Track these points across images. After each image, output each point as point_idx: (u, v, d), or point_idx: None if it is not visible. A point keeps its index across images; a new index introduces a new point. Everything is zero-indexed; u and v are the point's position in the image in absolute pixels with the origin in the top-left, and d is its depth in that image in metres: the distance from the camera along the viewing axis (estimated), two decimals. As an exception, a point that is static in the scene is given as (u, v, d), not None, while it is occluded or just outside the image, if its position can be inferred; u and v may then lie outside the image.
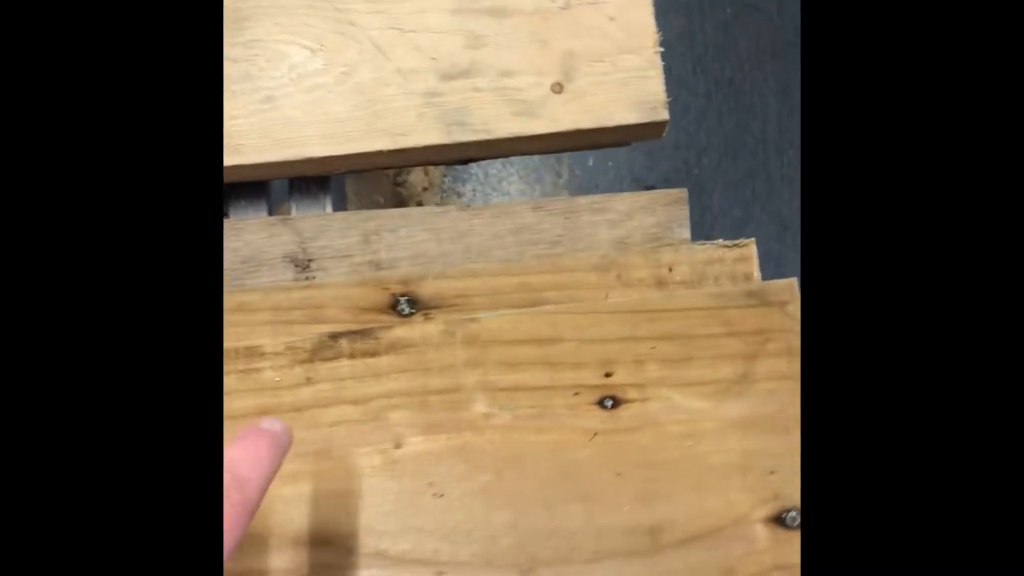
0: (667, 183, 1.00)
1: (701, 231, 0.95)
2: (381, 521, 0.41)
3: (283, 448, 0.34)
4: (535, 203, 0.47)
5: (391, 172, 1.04)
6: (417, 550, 0.41)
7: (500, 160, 1.04)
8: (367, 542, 0.41)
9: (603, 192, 1.01)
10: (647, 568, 0.40)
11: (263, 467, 0.31)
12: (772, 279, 0.44)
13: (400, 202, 1.02)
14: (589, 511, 0.41)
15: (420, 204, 1.03)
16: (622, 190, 1.02)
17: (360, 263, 0.46)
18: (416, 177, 1.03)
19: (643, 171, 1.01)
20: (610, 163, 1.02)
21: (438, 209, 0.47)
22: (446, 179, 1.03)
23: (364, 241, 0.47)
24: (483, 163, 1.04)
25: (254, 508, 0.30)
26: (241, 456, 0.31)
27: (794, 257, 1.02)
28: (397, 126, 0.46)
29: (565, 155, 1.04)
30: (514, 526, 0.41)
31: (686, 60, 1.05)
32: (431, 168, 1.04)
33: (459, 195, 1.03)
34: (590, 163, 1.02)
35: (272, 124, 0.46)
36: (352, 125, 0.46)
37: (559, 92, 0.47)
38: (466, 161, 0.50)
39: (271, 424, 0.34)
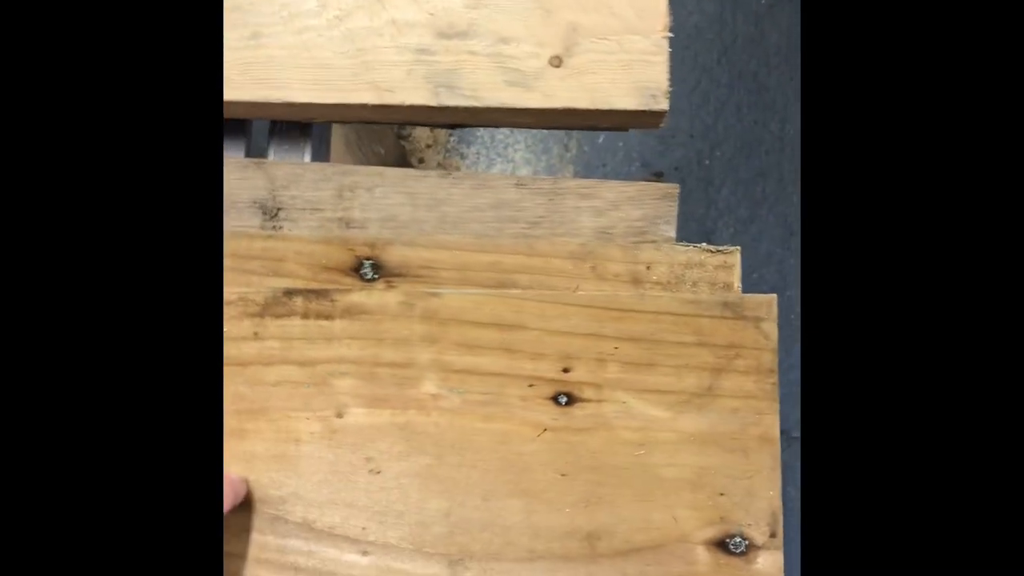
0: (676, 172, 0.97)
1: (704, 226, 0.92)
2: (312, 490, 0.39)
3: (237, 493, 0.38)
4: (519, 179, 0.45)
5: (395, 124, 1.01)
6: (345, 525, 0.39)
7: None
8: (294, 510, 0.39)
9: (609, 171, 0.98)
10: (580, 575, 0.39)
11: None
12: (772, 284, 0.42)
13: (402, 156, 0.99)
14: (528, 508, 0.39)
15: (422, 161, 1.01)
16: (630, 173, 0.99)
17: (330, 219, 0.44)
18: (421, 132, 1.00)
19: (653, 156, 0.98)
20: (620, 143, 0.99)
21: (417, 173, 0.45)
22: (451, 138, 1.01)
23: (338, 196, 0.44)
24: (491, 127, 1.02)
25: None
26: None
27: (797, 264, 1.00)
28: (384, 80, 0.44)
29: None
30: (448, 514, 0.39)
31: (713, 48, 1.01)
32: (439, 125, 1.02)
33: (463, 156, 1.00)
34: (600, 140, 0.99)
35: (254, 62, 0.44)
36: (338, 73, 0.44)
37: (557, 66, 0.44)
38: (454, 126, 0.48)
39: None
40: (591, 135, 0.99)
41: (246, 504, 0.39)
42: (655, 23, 0.44)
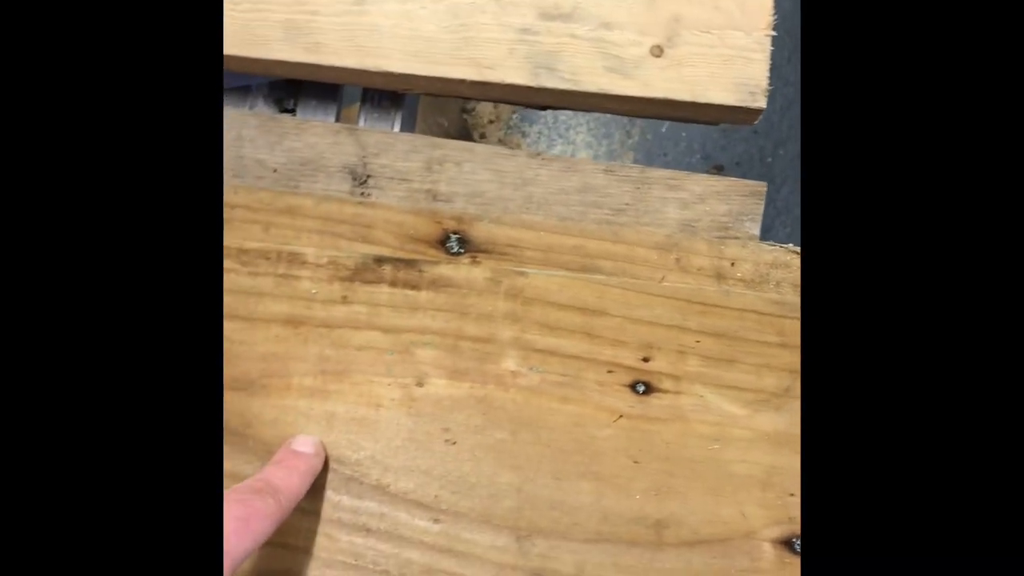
0: (737, 167, 0.96)
1: (762, 224, 0.92)
2: (389, 455, 0.40)
3: (313, 467, 0.39)
4: (607, 165, 0.45)
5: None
6: (418, 492, 0.40)
7: (572, 108, 1.01)
8: (370, 473, 0.40)
9: (669, 161, 0.98)
10: (645, 561, 0.39)
11: (293, 483, 0.37)
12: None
13: (464, 129, 0.99)
14: (598, 491, 0.40)
15: (483, 136, 1.01)
16: (691, 164, 0.99)
17: (417, 190, 0.45)
18: (484, 108, 1.00)
19: (715, 149, 0.98)
20: (683, 134, 0.99)
21: (506, 151, 0.46)
22: (514, 116, 1.01)
23: (426, 168, 0.45)
24: (585, 112, 1.02)
25: (283, 514, 0.35)
26: (274, 472, 0.37)
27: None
28: (485, 58, 0.44)
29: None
30: (519, 489, 0.40)
31: (783, 46, 1.00)
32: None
33: (524, 135, 1.00)
34: (663, 129, 0.99)
35: (357, 29, 0.44)
36: (439, 47, 0.44)
37: (658, 56, 0.44)
38: (544, 107, 0.48)
39: (303, 446, 0.39)
40: (655, 123, 0.98)
41: (324, 465, 0.40)
42: (759, 20, 0.44)
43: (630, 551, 0.39)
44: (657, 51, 0.44)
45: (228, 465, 0.40)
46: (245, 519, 0.33)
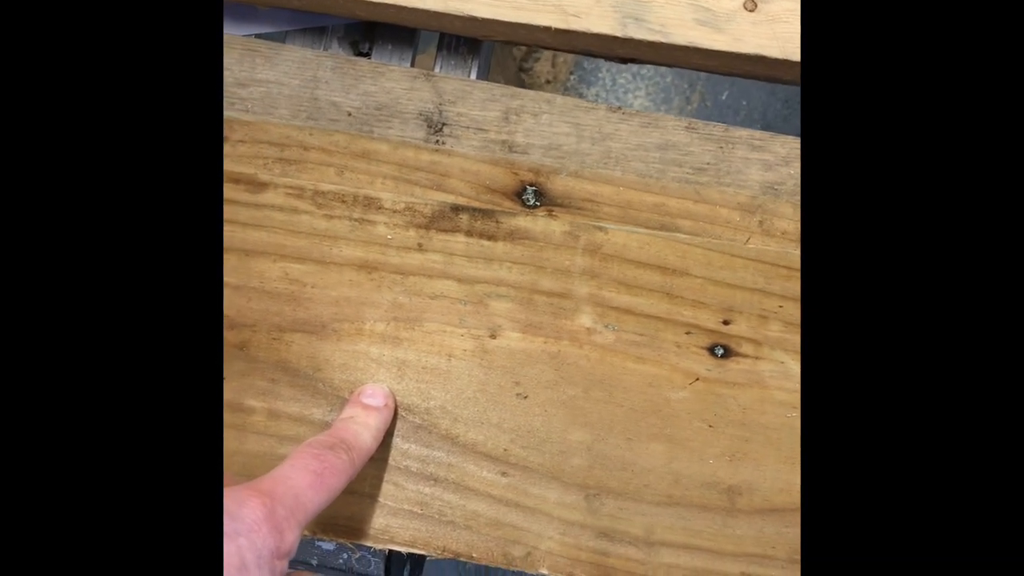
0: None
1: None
2: (459, 406, 0.40)
3: (384, 421, 0.39)
4: (690, 122, 0.44)
5: (517, 55, 1.00)
6: (488, 444, 0.40)
7: (631, 71, 0.99)
8: (440, 423, 0.40)
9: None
10: (716, 526, 0.39)
11: (366, 441, 0.37)
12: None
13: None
14: (670, 454, 0.39)
15: (539, 96, 0.99)
16: (749, 133, 0.97)
17: (493, 140, 0.44)
18: (542, 67, 0.98)
19: (777, 119, 0.96)
20: (744, 102, 0.97)
21: (587, 104, 0.44)
22: (572, 77, 0.99)
23: (503, 119, 0.44)
24: (613, 71, 1.00)
25: (355, 471, 0.36)
26: (346, 428, 0.37)
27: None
28: (571, 5, 0.43)
29: (699, 82, 0.99)
30: (589, 448, 0.39)
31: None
32: (558, 62, 1.00)
33: (581, 96, 0.99)
34: (724, 97, 0.97)
35: (441, -29, 0.43)
36: (524, -8, 0.43)
37: (752, 10, 0.43)
38: (626, 60, 0.47)
39: (373, 399, 0.39)
40: (715, 89, 0.96)
41: (396, 408, 0.40)
42: (860, -24, 0.42)
43: (701, 516, 0.39)
44: (751, 5, 0.43)
45: (296, 408, 0.40)
46: (320, 473, 0.33)
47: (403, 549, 0.39)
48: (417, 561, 0.48)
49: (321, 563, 0.43)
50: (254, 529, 0.30)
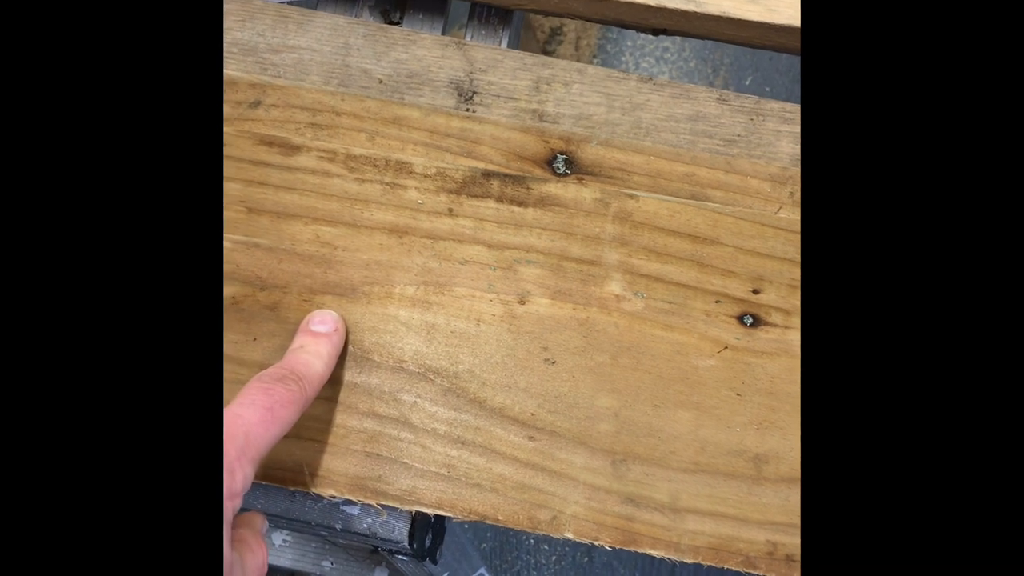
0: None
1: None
2: (488, 370, 0.40)
3: (335, 347, 0.39)
4: (721, 94, 0.44)
5: (541, 38, 1.00)
6: (515, 408, 0.40)
7: (655, 55, 0.99)
8: (468, 387, 0.40)
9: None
10: (742, 494, 0.39)
11: (317, 369, 0.37)
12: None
13: (543, 71, 0.98)
14: (697, 421, 0.39)
15: (562, 78, 0.99)
16: (772, 118, 0.96)
17: (524, 109, 0.44)
18: (565, 49, 0.98)
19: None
20: (767, 88, 0.96)
21: (618, 74, 0.44)
22: (595, 60, 0.99)
23: (534, 88, 0.44)
24: (637, 55, 1.00)
25: (307, 401, 0.36)
26: (296, 359, 0.37)
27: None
28: (605, -27, 0.43)
29: (722, 67, 0.98)
30: (616, 414, 0.40)
31: None
32: (582, 44, 1.00)
33: (604, 79, 0.99)
34: (747, 82, 0.96)
35: (475, -62, 0.43)
36: (557, -40, 0.43)
37: (786, -19, 0.42)
38: (658, 32, 0.47)
39: (322, 325, 0.39)
40: (738, 75, 0.96)
41: (424, 371, 0.40)
42: (896, -53, 0.42)
43: (727, 483, 0.39)
44: (785, -25, 0.42)
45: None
46: (270, 408, 0.33)
47: (429, 511, 0.39)
48: (438, 531, 0.48)
49: (345, 527, 0.43)
50: None
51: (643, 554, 0.39)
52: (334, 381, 0.40)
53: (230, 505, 0.31)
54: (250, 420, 0.33)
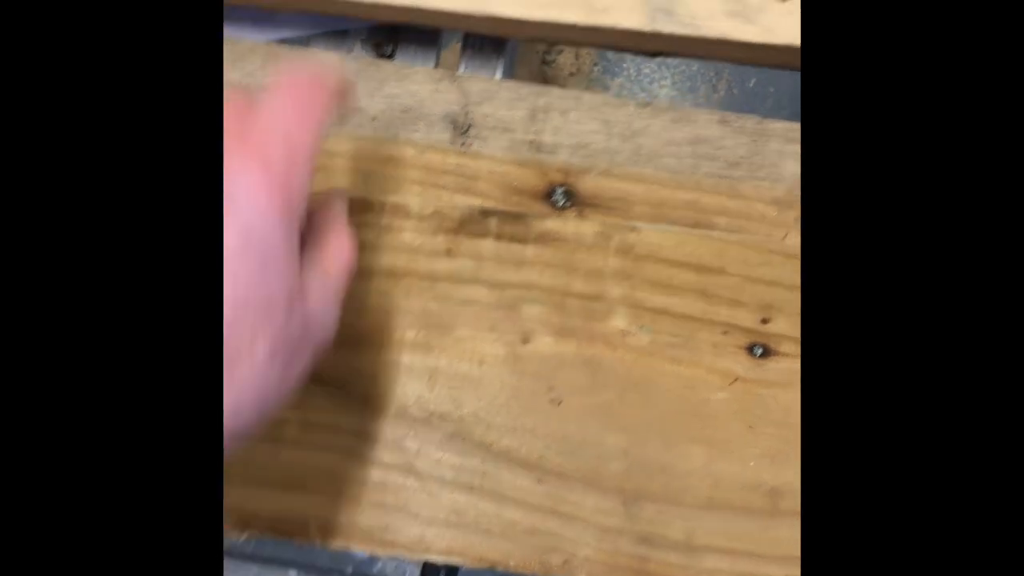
0: (828, 123, 0.92)
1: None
2: (492, 413, 0.39)
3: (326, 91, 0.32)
4: (722, 116, 0.43)
5: (540, 49, 0.99)
6: (522, 450, 0.39)
7: (657, 60, 0.98)
8: (474, 431, 0.39)
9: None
10: (758, 529, 0.38)
11: (308, 125, 0.30)
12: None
13: (544, 82, 0.97)
14: (710, 456, 0.38)
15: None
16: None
17: (521, 140, 0.43)
18: (566, 59, 0.97)
19: (807, 105, 0.94)
20: (772, 89, 0.95)
21: (615, 100, 0.43)
22: (596, 68, 0.98)
23: (530, 118, 0.43)
24: (638, 60, 0.99)
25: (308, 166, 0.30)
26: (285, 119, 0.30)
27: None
28: (598, 0, 0.42)
29: (726, 70, 0.97)
30: (626, 453, 0.39)
31: None
32: (582, 53, 0.99)
33: (606, 88, 0.97)
34: (751, 84, 0.95)
35: (463, -30, 0.42)
36: (548, -11, 0.42)
37: (782, 0, 0.41)
38: (655, 54, 0.46)
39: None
40: (742, 77, 0.95)
41: (427, 416, 0.39)
42: (895, -40, 0.41)
43: (742, 519, 0.38)
44: (782, -6, 0.41)
45: (328, 418, 0.40)
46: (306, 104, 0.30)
47: (439, 559, 0.39)
48: (452, 570, 0.48)
49: (356, 571, 0.43)
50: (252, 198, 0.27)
51: (659, 595, 0.38)
52: (336, 430, 0.39)
53: (295, 215, 0.29)
54: (285, 122, 0.29)
